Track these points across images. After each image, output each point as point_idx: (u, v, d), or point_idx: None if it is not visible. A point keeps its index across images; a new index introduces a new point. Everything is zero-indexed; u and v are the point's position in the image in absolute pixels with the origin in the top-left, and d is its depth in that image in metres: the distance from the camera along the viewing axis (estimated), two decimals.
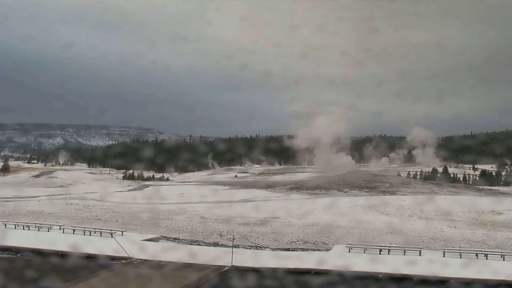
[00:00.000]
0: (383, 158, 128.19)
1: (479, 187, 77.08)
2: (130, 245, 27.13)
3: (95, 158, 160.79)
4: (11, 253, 26.91)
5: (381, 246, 26.56)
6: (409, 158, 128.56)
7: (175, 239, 31.71)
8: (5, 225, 32.72)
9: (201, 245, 29.89)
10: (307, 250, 28.47)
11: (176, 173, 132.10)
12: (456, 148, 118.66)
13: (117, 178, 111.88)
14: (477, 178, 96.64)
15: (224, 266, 23.19)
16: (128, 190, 72.86)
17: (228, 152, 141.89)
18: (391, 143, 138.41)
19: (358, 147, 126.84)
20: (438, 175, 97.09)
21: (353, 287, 20.96)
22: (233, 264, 23.23)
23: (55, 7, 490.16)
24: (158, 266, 23.49)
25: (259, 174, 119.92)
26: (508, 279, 21.11)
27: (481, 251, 25.72)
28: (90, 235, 30.19)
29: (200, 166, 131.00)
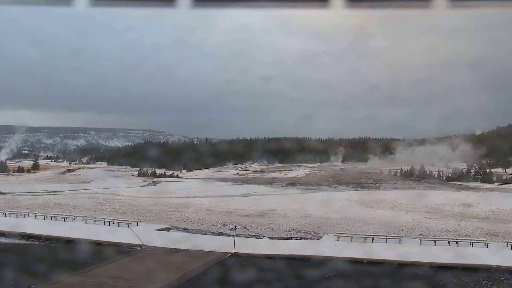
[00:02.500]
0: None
1: (452, 182, 77.24)
2: (145, 234, 27.22)
3: (114, 157, 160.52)
4: (40, 240, 27.07)
5: (366, 235, 26.66)
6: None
7: (184, 229, 31.75)
8: (35, 216, 32.89)
9: (207, 234, 29.93)
10: (300, 239, 28.55)
11: (185, 171, 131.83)
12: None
13: (132, 175, 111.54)
14: (450, 175, 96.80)
15: (227, 253, 23.28)
16: (142, 186, 72.86)
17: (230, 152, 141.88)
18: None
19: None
20: (416, 172, 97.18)
21: (342, 271, 21.06)
22: (235, 251, 23.31)
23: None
24: (169, 252, 23.57)
25: (259, 171, 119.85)
26: (477, 263, 21.24)
27: (453, 239, 25.87)
28: (109, 225, 30.26)
29: (205, 164, 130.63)
